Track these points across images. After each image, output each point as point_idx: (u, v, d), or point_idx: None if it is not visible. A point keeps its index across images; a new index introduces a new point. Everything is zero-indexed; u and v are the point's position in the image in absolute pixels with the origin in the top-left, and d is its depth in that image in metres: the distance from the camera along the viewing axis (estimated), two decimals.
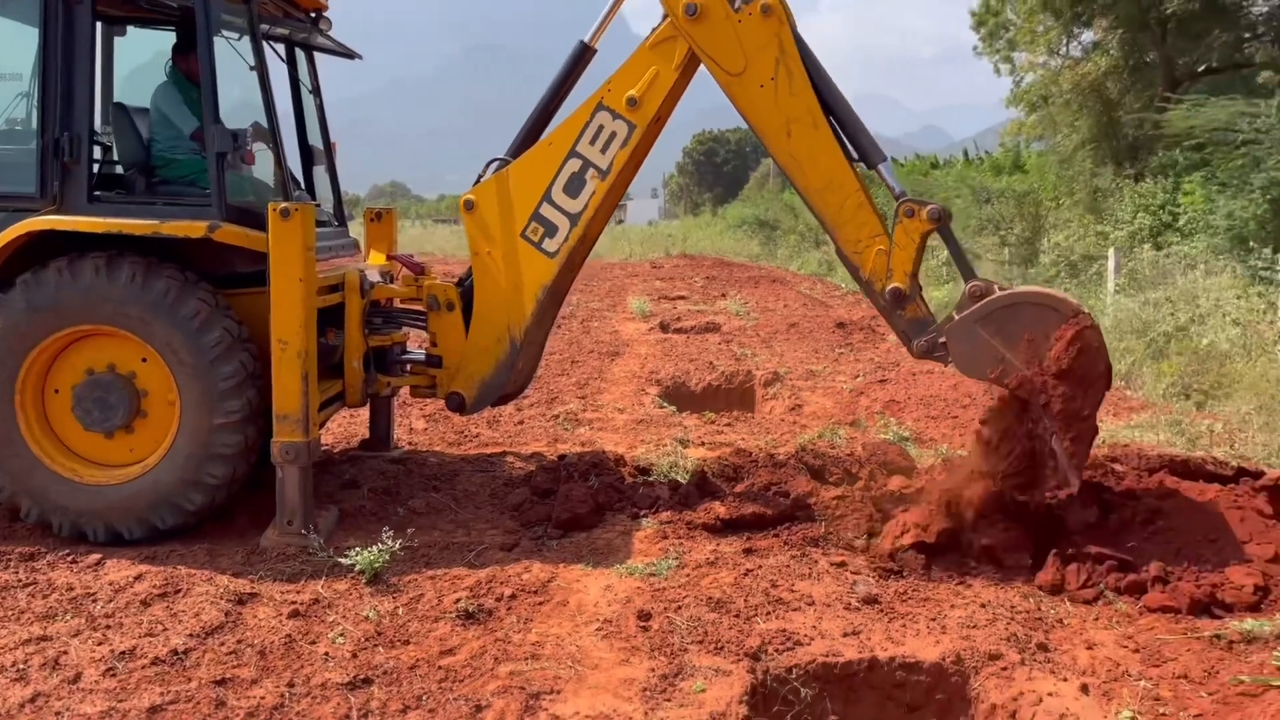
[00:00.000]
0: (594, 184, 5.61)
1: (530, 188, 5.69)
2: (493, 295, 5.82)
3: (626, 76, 5.58)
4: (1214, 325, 10.57)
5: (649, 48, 5.54)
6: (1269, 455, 7.48)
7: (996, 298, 4.94)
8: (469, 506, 6.00)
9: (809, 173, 5.29)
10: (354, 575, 4.85)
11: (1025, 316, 4.86)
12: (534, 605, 4.58)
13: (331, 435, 7.74)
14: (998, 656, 4.06)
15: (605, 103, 5.56)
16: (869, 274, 5.25)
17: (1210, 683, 3.84)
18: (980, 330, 4.91)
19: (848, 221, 5.26)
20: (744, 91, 5.31)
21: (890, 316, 5.29)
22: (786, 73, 5.22)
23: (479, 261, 5.84)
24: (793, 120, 5.25)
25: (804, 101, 5.24)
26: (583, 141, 5.58)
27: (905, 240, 5.14)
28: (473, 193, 5.85)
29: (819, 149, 5.25)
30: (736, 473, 6.32)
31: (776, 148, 5.34)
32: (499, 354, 5.87)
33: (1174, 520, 4.98)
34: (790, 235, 32.91)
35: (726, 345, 12.37)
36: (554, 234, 5.68)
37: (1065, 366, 4.76)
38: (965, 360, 5.01)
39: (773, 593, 4.64)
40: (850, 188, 5.25)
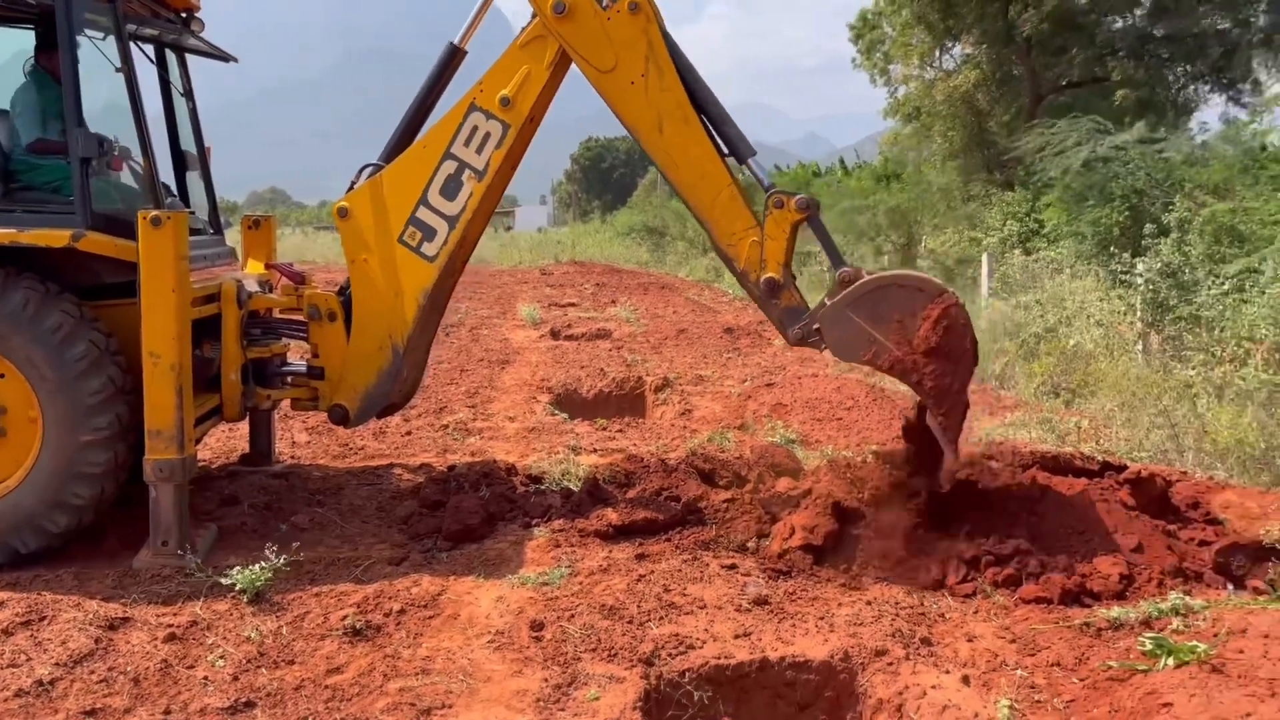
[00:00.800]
0: (471, 185, 5.55)
1: (405, 192, 5.59)
2: (372, 303, 5.69)
3: (498, 77, 5.54)
4: (1079, 326, 11.08)
5: (519, 47, 5.51)
6: (1130, 449, 7.88)
7: (865, 282, 5.07)
8: (355, 521, 5.86)
9: (682, 167, 5.35)
10: (234, 595, 4.69)
11: (894, 298, 5.00)
12: (424, 620, 4.50)
13: (209, 450, 7.47)
14: (884, 652, 4.16)
15: (478, 103, 5.52)
16: (744, 265, 5.33)
17: (1081, 669, 4.02)
18: (852, 314, 5.03)
19: (721, 215, 5.34)
20: (615, 88, 5.35)
21: (766, 306, 5.37)
22: (656, 69, 5.29)
23: (356, 269, 5.70)
24: (664, 116, 5.31)
25: (674, 97, 5.31)
26: (457, 143, 5.52)
27: (776, 231, 5.25)
28: (346, 200, 5.72)
29: (691, 143, 5.32)
30: (628, 479, 6.34)
31: (650, 143, 5.39)
32: (381, 363, 5.74)
33: (1046, 515, 5.19)
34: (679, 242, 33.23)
35: (617, 352, 12.40)
36: (433, 238, 5.61)
37: (934, 344, 4.92)
38: (839, 345, 5.12)
39: (665, 597, 4.67)
40: (722, 181, 5.34)
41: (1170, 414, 8.11)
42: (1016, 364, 11.11)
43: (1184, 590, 4.68)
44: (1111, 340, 10.69)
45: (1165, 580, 4.76)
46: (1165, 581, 4.76)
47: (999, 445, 7.17)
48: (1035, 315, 11.79)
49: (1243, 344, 8.86)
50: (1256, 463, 7.21)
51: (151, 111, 5.93)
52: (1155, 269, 10.23)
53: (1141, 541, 4.96)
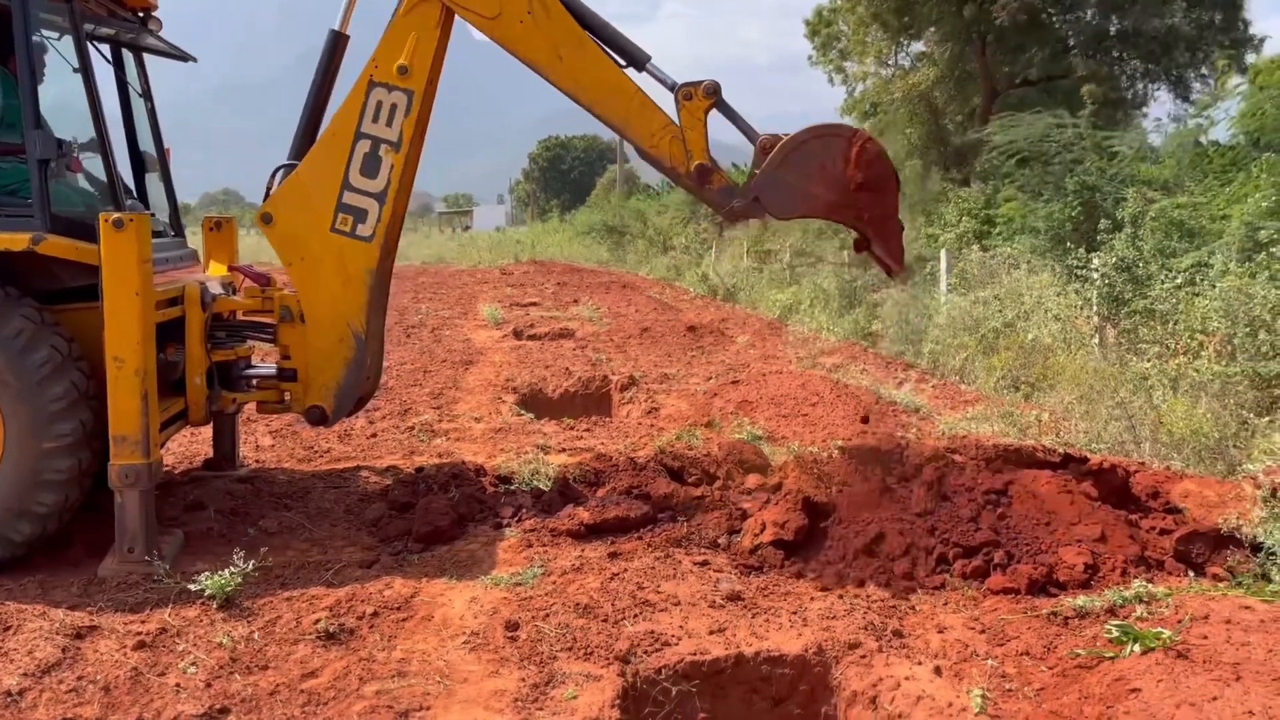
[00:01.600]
0: (390, 158, 5.56)
1: (326, 182, 5.56)
2: (321, 298, 5.66)
3: (389, 48, 5.52)
4: (1037, 321, 11.25)
5: (403, 14, 5.52)
6: (1090, 441, 8.03)
7: (784, 144, 5.32)
8: (324, 524, 5.82)
9: (588, 88, 5.46)
10: (204, 601, 4.63)
11: (814, 149, 5.29)
12: (398, 622, 4.48)
13: (172, 456, 7.36)
14: (857, 645, 4.21)
15: (376, 79, 5.52)
16: (670, 161, 5.48)
17: (1049, 657, 4.09)
18: (783, 174, 5.30)
19: (635, 118, 5.47)
20: (508, 31, 5.43)
21: (700, 192, 5.54)
22: (541, 4, 5.40)
23: (295, 271, 5.66)
24: (559, 44, 5.44)
25: (563, 24, 5.42)
26: (365, 121, 5.52)
27: (692, 120, 5.42)
28: (267, 206, 5.66)
29: (590, 64, 5.46)
30: (598, 477, 6.35)
31: (552, 73, 5.48)
32: (346, 354, 5.72)
33: (1011, 506, 5.28)
34: (639, 241, 33.26)
35: (581, 351, 12.40)
36: (364, 219, 5.59)
37: (860, 179, 5.26)
38: (778, 205, 5.40)
39: (639, 595, 4.69)
40: (628, 89, 5.47)
41: (1127, 406, 8.27)
42: (976, 358, 11.27)
43: (1147, 578, 4.78)
44: (1069, 334, 10.87)
45: (1129, 569, 4.86)
46: (1129, 570, 4.85)
47: (962, 439, 7.28)
48: (994, 310, 11.96)
49: (1195, 336, 9.05)
50: (1211, 452, 7.38)
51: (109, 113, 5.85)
52: (1110, 264, 10.41)
53: (1105, 531, 5.06)
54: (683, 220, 31.83)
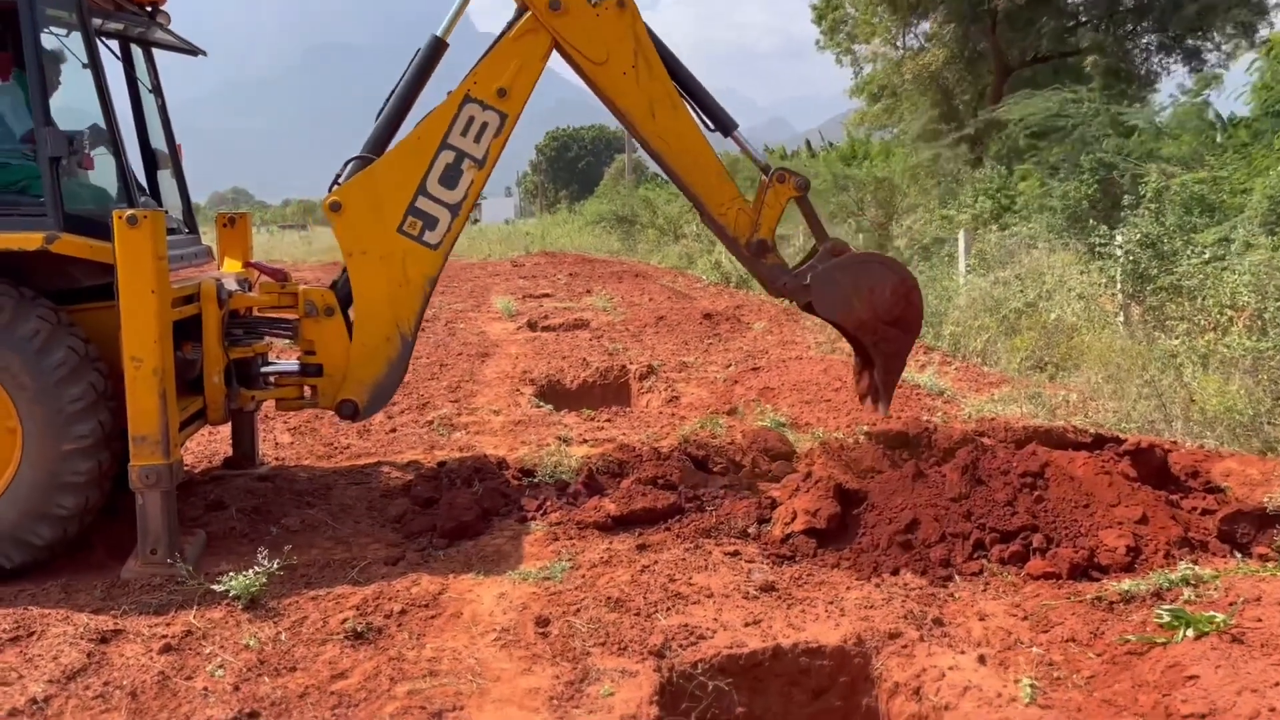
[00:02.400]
0: (471, 173, 5.63)
1: (402, 183, 5.58)
2: (375, 294, 5.64)
3: (492, 69, 5.62)
4: (1059, 300, 11.10)
5: (512, 40, 5.63)
6: (1119, 421, 7.89)
7: (853, 254, 5.91)
8: (347, 521, 5.74)
9: (674, 149, 5.75)
10: (229, 602, 4.56)
11: (873, 271, 5.86)
12: (426, 619, 4.39)
13: (191, 455, 7.30)
14: (897, 635, 4.11)
15: (473, 94, 5.58)
16: (733, 231, 5.86)
17: (1097, 643, 3.98)
18: (839, 277, 5.79)
19: (712, 188, 5.81)
20: (608, 79, 5.66)
21: (753, 262, 5.93)
22: (645, 60, 5.63)
23: (355, 262, 5.63)
24: (655, 102, 5.67)
25: (662, 85, 5.68)
26: (454, 134, 5.57)
27: (774, 201, 5.84)
28: (338, 194, 5.61)
29: (681, 126, 5.73)
30: (622, 468, 6.26)
31: (643, 128, 5.72)
32: (390, 353, 5.70)
33: (1048, 489, 5.15)
34: (649, 230, 33.11)
35: (597, 341, 12.30)
36: (434, 226, 5.63)
37: (896, 315, 5.84)
38: (824, 300, 5.83)
39: (670, 588, 4.59)
40: (710, 158, 5.79)
41: (1156, 384, 8.13)
42: (998, 340, 11.12)
43: (1191, 560, 4.66)
44: (1092, 313, 10.72)
45: (1172, 551, 4.74)
46: (1172, 552, 4.73)
47: (990, 422, 7.17)
48: (1015, 291, 11.80)
49: (1224, 312, 8.90)
50: (1246, 430, 7.24)
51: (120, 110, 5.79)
52: (1135, 240, 10.24)
53: (1146, 513, 4.94)
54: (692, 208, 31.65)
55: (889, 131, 30.38)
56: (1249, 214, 12.65)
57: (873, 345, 5.92)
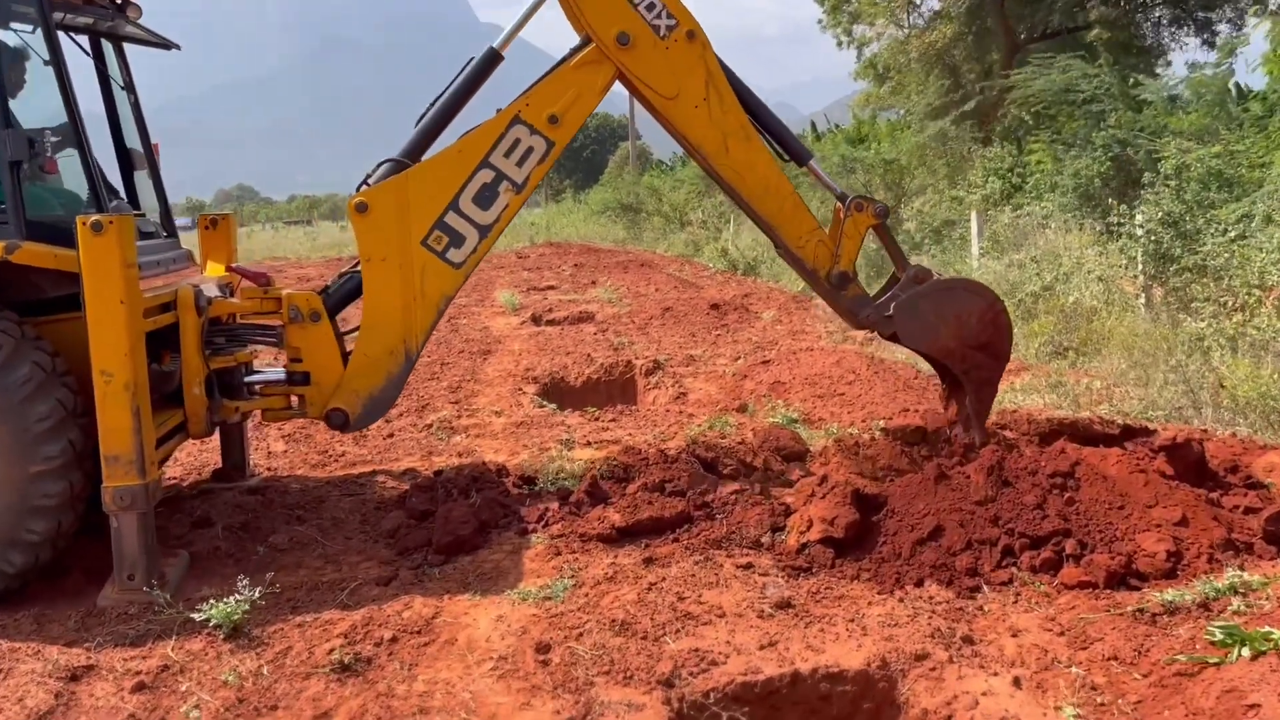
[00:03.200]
0: (507, 197, 5.42)
1: (435, 195, 5.34)
2: (387, 305, 5.38)
3: (547, 94, 5.41)
4: (1078, 283, 10.75)
5: (573, 68, 5.42)
6: (1145, 409, 7.57)
7: (936, 281, 5.65)
8: (338, 537, 5.45)
9: (749, 182, 5.57)
10: (209, 631, 4.28)
11: (958, 298, 5.62)
12: (418, 648, 4.10)
13: (180, 466, 7.03)
14: (924, 656, 3.81)
15: (523, 117, 5.38)
16: (813, 264, 5.67)
17: (1142, 663, 3.68)
18: (924, 306, 5.58)
19: (788, 221, 5.63)
20: (680, 114, 5.48)
21: (834, 297, 5.75)
22: (717, 93, 5.46)
23: (372, 268, 5.37)
24: (728, 135, 5.50)
25: (735, 117, 5.50)
26: (496, 153, 5.37)
27: (854, 231, 5.66)
28: (366, 195, 5.35)
29: (756, 158, 5.56)
30: (627, 473, 5.95)
31: (718, 162, 5.53)
32: (391, 368, 5.44)
33: (1080, 490, 4.84)
34: (655, 218, 32.75)
35: (602, 335, 12.00)
36: (460, 244, 5.40)
37: (984, 340, 5.60)
38: (909, 331, 5.64)
39: (680, 607, 4.29)
40: (786, 190, 5.61)
41: (1183, 369, 7.79)
42: (1015, 325, 10.76)
43: (1237, 565, 4.36)
44: (1112, 296, 10.37)
45: (1215, 554, 4.43)
46: (1215, 556, 4.42)
47: (1012, 413, 6.84)
48: (1031, 273, 11.46)
49: (1252, 292, 8.54)
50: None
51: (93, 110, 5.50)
52: (1156, 219, 9.86)
53: (1185, 514, 4.62)
54: (698, 194, 31.28)
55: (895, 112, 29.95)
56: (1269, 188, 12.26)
57: (963, 373, 5.72)
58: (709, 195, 29.52)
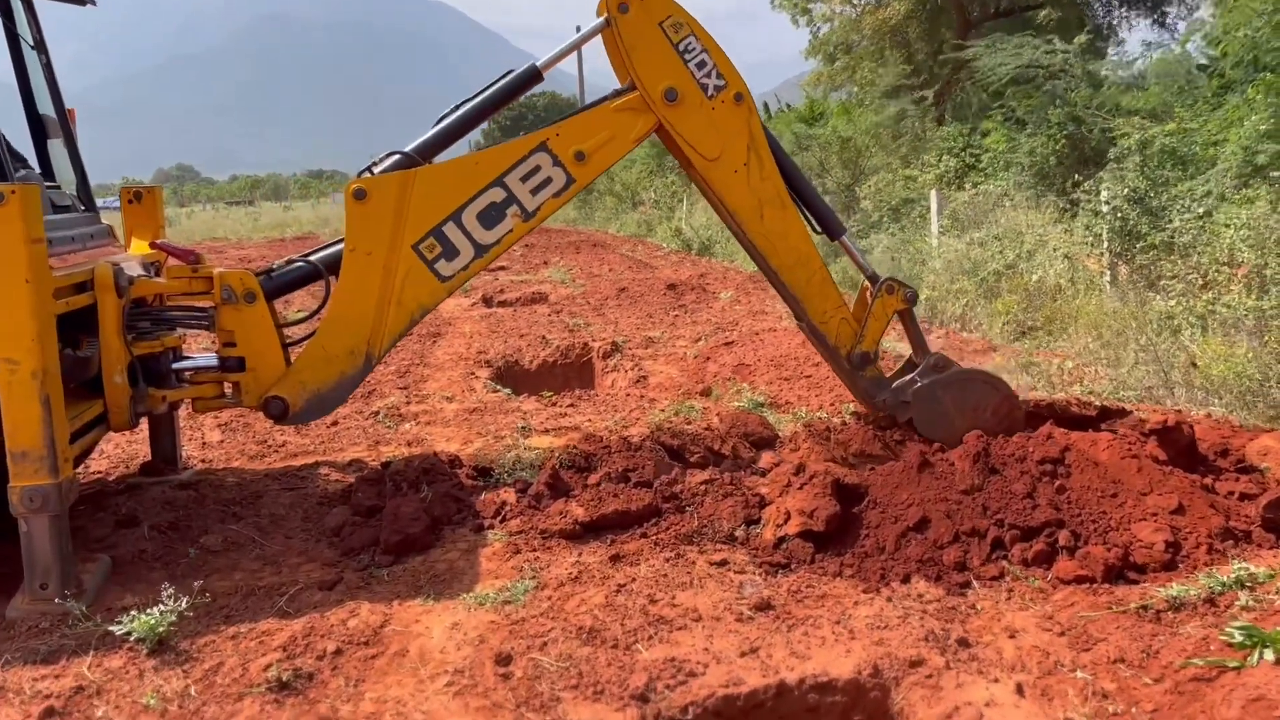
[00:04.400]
0: (513, 222, 5.11)
1: (439, 200, 5.00)
2: (360, 301, 5.00)
3: (581, 129, 5.17)
4: (1042, 261, 10.58)
5: (614, 110, 5.20)
6: (1116, 388, 7.39)
7: (956, 371, 5.54)
8: (277, 536, 5.03)
9: (781, 251, 5.43)
10: (131, 646, 3.85)
11: (977, 390, 5.48)
12: (365, 660, 3.72)
13: (105, 459, 6.55)
14: (919, 662, 3.51)
15: (550, 145, 5.12)
16: (834, 341, 5.53)
17: (1152, 666, 3.41)
18: (942, 395, 5.45)
19: (814, 295, 5.48)
20: (720, 176, 5.32)
21: (851, 377, 5.59)
22: (757, 158, 5.31)
23: (354, 259, 4.99)
24: (765, 203, 5.35)
25: (774, 184, 5.36)
26: (513, 175, 5.08)
27: (881, 313, 5.52)
28: (367, 182, 4.97)
29: (789, 229, 5.40)
30: (589, 462, 5.60)
31: (751, 229, 5.39)
32: (347, 368, 5.06)
33: (1070, 477, 4.59)
34: (606, 197, 32.32)
35: (557, 316, 11.62)
36: (453, 258, 5.07)
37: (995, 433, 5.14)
38: (925, 419, 5.46)
39: (652, 610, 3.96)
40: (815, 264, 5.47)
41: (1154, 348, 7.61)
42: (977, 304, 10.59)
43: (1236, 555, 4.13)
44: (1077, 274, 10.20)
45: (1215, 544, 4.20)
46: (1215, 545, 4.19)
47: None
48: (993, 252, 11.27)
49: (1222, 269, 8.40)
50: (1253, 396, 6.73)
51: None
52: (1122, 195, 9.69)
53: (1182, 501, 4.38)
54: (650, 173, 30.88)
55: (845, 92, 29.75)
56: (1223, 166, 12.20)
57: None
58: (661, 174, 29.17)
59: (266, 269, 5.27)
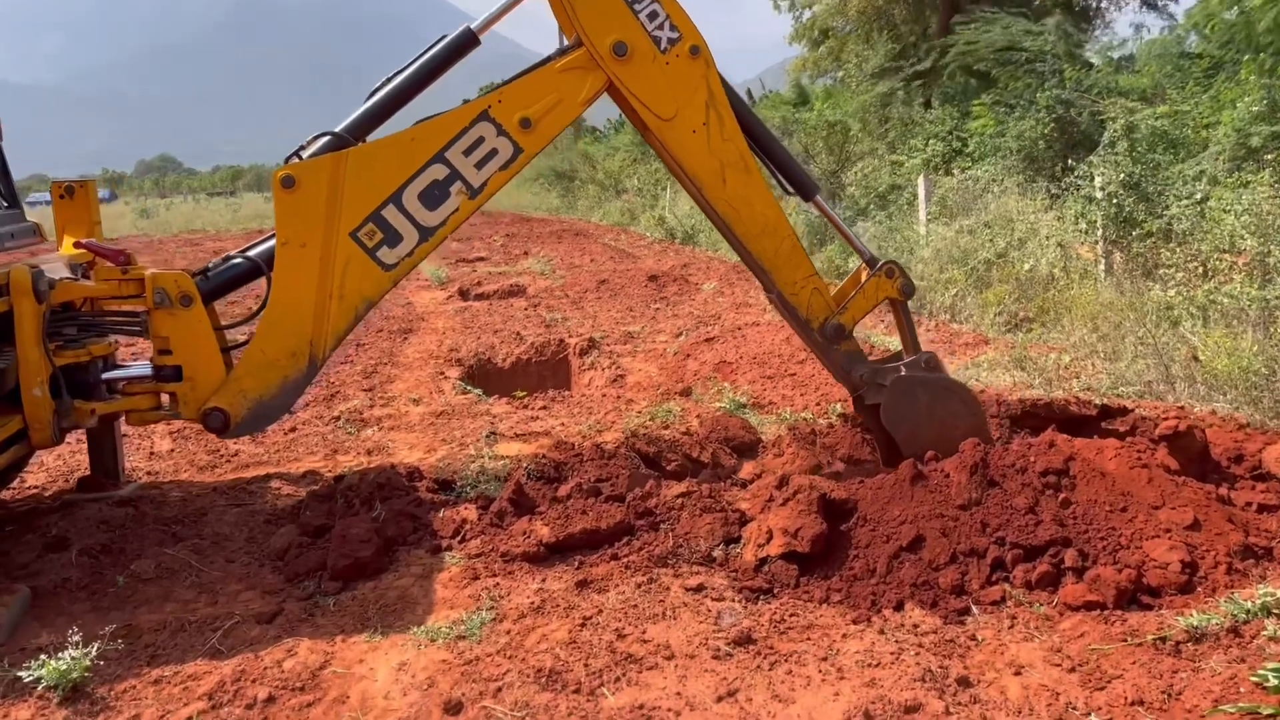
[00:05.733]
0: (458, 200, 4.71)
1: (375, 182, 4.61)
2: (298, 299, 4.64)
3: (524, 94, 4.76)
4: (1033, 249, 10.22)
5: (558, 70, 4.78)
6: (1114, 384, 7.04)
7: (943, 377, 5.14)
8: (218, 560, 4.63)
9: (745, 218, 5.04)
10: (41, 695, 3.46)
11: (953, 406, 5.03)
12: (299, 710, 3.34)
13: (45, 472, 6.13)
14: (915, 708, 3.15)
15: (493, 114, 4.71)
16: (805, 312, 5.14)
17: (1174, 709, 3.06)
18: (921, 394, 5.05)
19: (784, 264, 5.10)
20: (676, 137, 4.93)
21: (825, 350, 5.20)
22: (718, 117, 4.92)
23: (287, 254, 4.61)
24: (727, 166, 4.97)
25: (736, 146, 4.97)
26: (455, 149, 4.69)
27: (872, 293, 5.16)
28: (295, 169, 4.58)
29: (754, 194, 5.03)
30: (558, 472, 5.22)
31: (712, 194, 5.00)
32: (290, 371, 4.69)
33: (1075, 489, 4.23)
34: (589, 186, 31.87)
35: (534, 310, 11.21)
36: (395, 244, 4.68)
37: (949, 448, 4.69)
38: (892, 411, 5.06)
39: (619, 647, 3.59)
40: (784, 231, 5.09)
41: (1153, 341, 7.27)
42: (968, 294, 10.23)
43: (1259, 575, 3.79)
44: (1070, 262, 9.85)
45: (1234, 563, 3.86)
46: (1235, 565, 3.85)
47: (980, 394, 6.23)
48: (983, 240, 10.91)
49: (1221, 257, 8.06)
50: (1260, 391, 6.39)
51: None
52: (1117, 180, 9.34)
53: (1197, 515, 4.03)
54: (633, 161, 30.42)
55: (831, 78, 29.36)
56: (1215, 149, 11.87)
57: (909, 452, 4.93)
58: (644, 162, 28.71)
59: (203, 269, 4.88)
